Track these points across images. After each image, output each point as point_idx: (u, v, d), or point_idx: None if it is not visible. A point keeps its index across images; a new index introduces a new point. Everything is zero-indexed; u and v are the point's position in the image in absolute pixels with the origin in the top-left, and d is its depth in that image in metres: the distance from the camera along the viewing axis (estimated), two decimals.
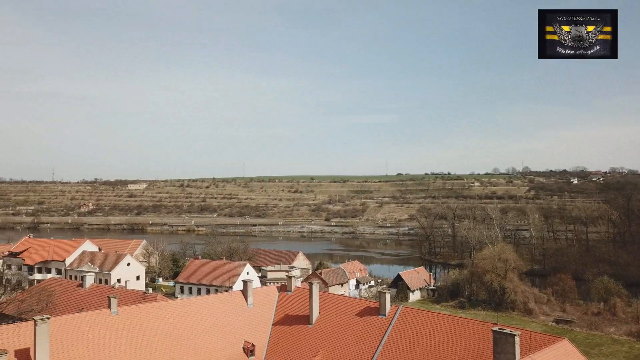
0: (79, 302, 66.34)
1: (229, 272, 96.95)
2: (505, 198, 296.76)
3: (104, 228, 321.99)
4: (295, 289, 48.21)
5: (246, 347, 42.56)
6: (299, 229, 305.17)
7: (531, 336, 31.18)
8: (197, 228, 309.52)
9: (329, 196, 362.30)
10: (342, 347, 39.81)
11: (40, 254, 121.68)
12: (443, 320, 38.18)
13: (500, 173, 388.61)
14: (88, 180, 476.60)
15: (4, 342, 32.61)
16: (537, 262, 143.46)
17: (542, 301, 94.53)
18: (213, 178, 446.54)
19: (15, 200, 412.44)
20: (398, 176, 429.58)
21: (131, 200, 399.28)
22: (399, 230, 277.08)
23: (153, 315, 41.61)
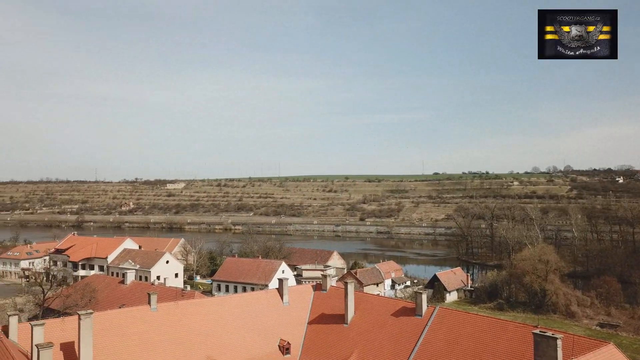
0: (120, 298, 68.38)
1: (264, 271, 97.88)
2: (545, 198, 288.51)
3: (143, 226, 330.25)
4: (330, 288, 48.18)
5: (282, 345, 42.81)
6: (334, 228, 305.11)
7: (574, 340, 30.18)
8: (234, 227, 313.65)
9: (363, 196, 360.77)
10: (377, 347, 39.53)
11: (84, 251, 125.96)
12: (481, 321, 37.38)
13: (541, 172, 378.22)
14: (129, 180, 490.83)
15: (50, 335, 33.79)
16: (580, 264, 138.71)
17: (585, 304, 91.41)
18: (249, 178, 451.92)
19: (61, 200, 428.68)
20: (434, 175, 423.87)
21: (170, 199, 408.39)
22: (436, 230, 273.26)
23: (191, 312, 42.38)
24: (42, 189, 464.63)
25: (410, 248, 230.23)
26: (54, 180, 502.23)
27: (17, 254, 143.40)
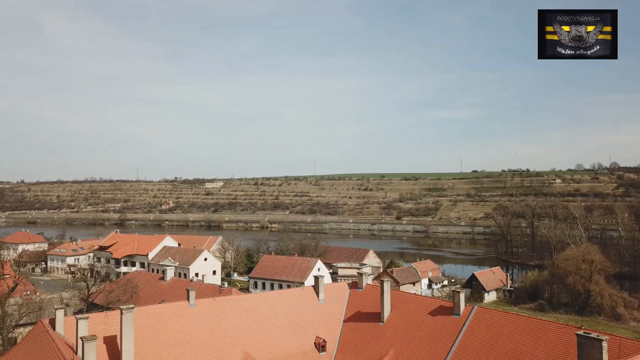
0: (160, 294, 70.02)
1: (300, 268, 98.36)
2: (590, 196, 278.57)
3: (182, 224, 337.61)
4: (366, 286, 47.98)
5: (317, 343, 42.91)
6: (369, 227, 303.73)
7: (620, 342, 29.00)
8: (270, 225, 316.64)
9: (400, 194, 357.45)
10: (414, 346, 39.10)
11: (126, 249, 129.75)
12: (521, 321, 36.43)
13: (585, 169, 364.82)
14: (168, 179, 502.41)
15: (94, 328, 34.92)
16: (627, 265, 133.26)
17: (632, 306, 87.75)
18: (285, 176, 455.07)
19: (104, 198, 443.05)
20: (473, 173, 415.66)
21: (208, 198, 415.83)
22: (474, 229, 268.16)
23: (229, 308, 42.98)
24: (87, 188, 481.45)
25: (447, 247, 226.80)
26: (98, 179, 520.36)
27: (64, 251, 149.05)
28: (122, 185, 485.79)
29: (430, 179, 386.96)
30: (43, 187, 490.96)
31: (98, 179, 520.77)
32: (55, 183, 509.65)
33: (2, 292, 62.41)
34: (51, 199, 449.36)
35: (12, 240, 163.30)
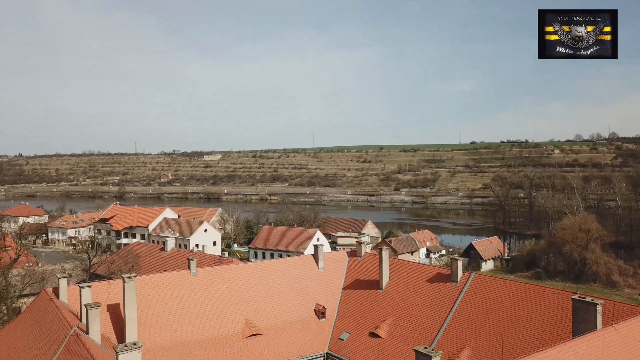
0: (161, 264, 70.81)
1: (300, 239, 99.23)
2: (588, 166, 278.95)
3: (182, 197, 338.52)
4: (365, 255, 48.49)
5: (317, 310, 43.63)
6: (368, 198, 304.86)
7: (615, 306, 29.50)
8: (270, 197, 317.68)
9: (398, 166, 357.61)
10: (412, 312, 39.79)
11: (126, 221, 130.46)
12: (518, 288, 36.96)
13: (584, 140, 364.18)
14: (167, 152, 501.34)
15: (97, 297, 35.36)
16: (623, 234, 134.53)
17: (627, 273, 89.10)
18: (284, 149, 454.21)
19: (103, 172, 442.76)
20: (472, 144, 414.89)
21: (207, 170, 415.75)
22: (472, 200, 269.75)
23: (230, 276, 43.51)
24: (85, 161, 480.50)
25: (446, 218, 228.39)
26: (96, 153, 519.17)
27: (64, 223, 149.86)
28: (121, 158, 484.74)
29: (429, 151, 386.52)
30: (41, 161, 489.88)
31: (96, 152, 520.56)
32: (53, 156, 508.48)
33: (4, 264, 63.05)
34: (50, 173, 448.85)
35: (12, 213, 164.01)
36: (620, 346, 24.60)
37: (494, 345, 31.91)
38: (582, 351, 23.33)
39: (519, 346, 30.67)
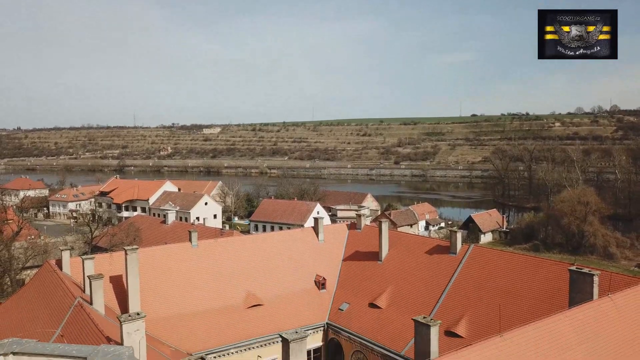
0: (162, 237, 71.24)
1: (300, 211, 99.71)
2: (589, 139, 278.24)
3: (182, 170, 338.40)
4: (364, 227, 48.86)
5: (318, 281, 44.18)
6: (368, 172, 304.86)
7: (611, 277, 29.86)
8: (269, 170, 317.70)
9: (398, 139, 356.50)
10: (411, 283, 40.31)
11: (126, 194, 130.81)
12: (516, 259, 37.39)
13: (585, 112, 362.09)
14: (166, 125, 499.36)
15: (100, 269, 35.73)
16: (622, 206, 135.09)
17: (624, 245, 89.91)
18: (283, 122, 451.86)
19: (102, 145, 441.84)
20: (472, 117, 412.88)
21: (206, 144, 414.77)
22: (472, 173, 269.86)
23: (231, 248, 43.91)
24: (84, 135, 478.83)
25: (445, 191, 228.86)
26: (95, 126, 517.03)
27: (65, 197, 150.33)
28: (120, 131, 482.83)
29: (429, 124, 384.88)
30: (40, 134, 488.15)
31: (95, 126, 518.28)
32: (52, 130, 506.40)
33: (7, 236, 63.49)
34: (49, 146, 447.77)
35: (12, 186, 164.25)
36: (615, 316, 25.01)
37: (492, 315, 32.40)
38: (578, 320, 23.73)
39: (516, 316, 31.16)
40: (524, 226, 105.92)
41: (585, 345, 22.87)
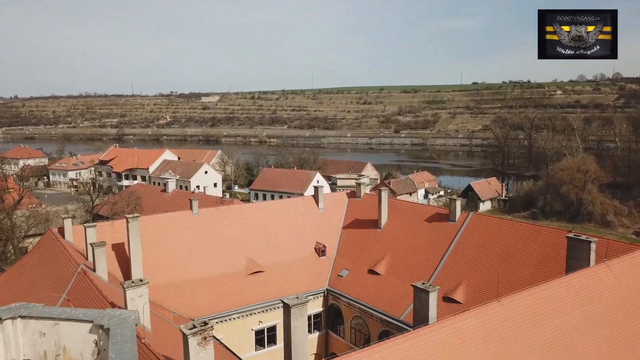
0: (163, 205, 71.64)
1: (300, 180, 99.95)
2: (590, 107, 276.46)
3: (181, 139, 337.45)
4: (364, 195, 49.06)
5: (318, 248, 44.67)
6: (368, 141, 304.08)
7: (608, 244, 30.17)
8: (269, 139, 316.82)
9: (398, 107, 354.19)
10: (410, 250, 40.76)
11: (126, 163, 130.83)
12: (514, 226, 37.72)
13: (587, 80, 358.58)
14: (164, 94, 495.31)
15: (102, 236, 35.98)
16: (621, 175, 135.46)
17: (622, 213, 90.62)
18: (282, 90, 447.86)
19: (101, 113, 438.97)
20: (473, 85, 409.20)
21: (205, 112, 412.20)
22: (472, 141, 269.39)
23: (231, 216, 44.19)
24: (82, 103, 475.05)
25: (445, 159, 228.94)
26: (93, 94, 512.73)
27: (65, 166, 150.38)
28: (118, 100, 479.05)
29: (430, 92, 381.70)
30: (37, 103, 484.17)
31: (93, 94, 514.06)
32: (49, 98, 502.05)
33: (8, 205, 63.78)
34: (47, 115, 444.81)
35: (12, 155, 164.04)
36: (611, 281, 25.40)
37: (490, 282, 32.88)
38: (574, 286, 24.11)
39: (513, 282, 31.63)
40: (522, 194, 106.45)
41: (581, 310, 23.32)
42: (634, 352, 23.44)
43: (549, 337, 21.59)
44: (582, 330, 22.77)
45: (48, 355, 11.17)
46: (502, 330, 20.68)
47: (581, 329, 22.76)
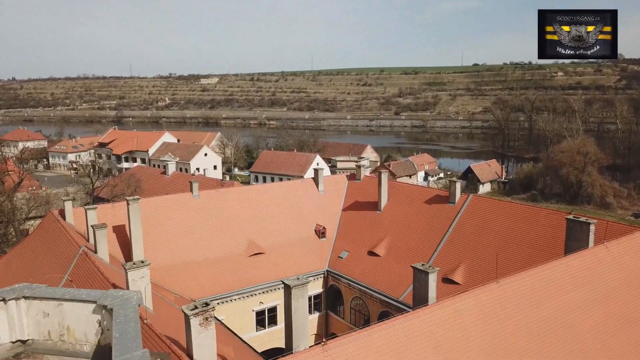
0: (163, 188, 71.69)
1: (300, 163, 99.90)
2: (591, 89, 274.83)
3: (180, 121, 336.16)
4: (364, 178, 49.12)
5: (318, 230, 44.86)
6: (368, 123, 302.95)
7: (607, 225, 30.29)
8: (268, 122, 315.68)
9: (399, 89, 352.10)
10: (409, 232, 40.94)
11: (126, 145, 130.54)
12: (514, 208, 37.85)
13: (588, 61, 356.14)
14: (163, 76, 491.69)
15: (102, 218, 36.09)
16: (621, 157, 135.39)
17: (621, 195, 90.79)
18: (282, 72, 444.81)
19: (99, 96, 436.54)
20: (474, 67, 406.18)
21: (204, 94, 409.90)
22: (472, 123, 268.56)
23: (232, 198, 44.29)
24: (80, 85, 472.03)
25: (445, 141, 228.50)
26: (91, 76, 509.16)
27: (64, 148, 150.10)
28: (116, 82, 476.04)
29: (431, 73, 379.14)
30: (36, 85, 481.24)
31: (91, 76, 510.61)
32: (47, 80, 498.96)
33: (8, 187, 63.81)
34: (45, 97, 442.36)
35: (11, 137, 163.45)
36: (610, 262, 25.58)
37: (489, 263, 33.10)
38: (573, 267, 24.29)
39: (512, 264, 31.84)
40: (522, 176, 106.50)
41: (579, 291, 23.53)
42: (632, 332, 23.72)
43: (547, 317, 21.82)
44: (581, 310, 23.00)
45: (52, 335, 11.30)
46: (500, 310, 20.90)
47: (579, 310, 22.98)
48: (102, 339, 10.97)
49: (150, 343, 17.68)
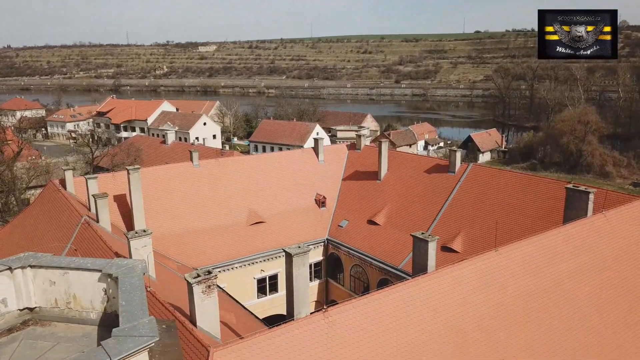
0: (163, 157, 71.64)
1: (299, 132, 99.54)
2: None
3: (178, 90, 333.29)
4: (364, 147, 49.01)
5: (318, 199, 45.04)
6: (368, 91, 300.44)
7: (607, 194, 30.42)
8: (267, 90, 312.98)
9: (399, 57, 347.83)
10: (409, 201, 41.13)
11: (124, 114, 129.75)
12: (513, 177, 37.90)
13: None
14: (160, 43, 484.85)
15: (103, 188, 36.13)
16: (622, 126, 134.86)
17: (621, 164, 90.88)
18: (281, 39, 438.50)
19: (96, 64, 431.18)
20: (475, 34, 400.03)
21: (202, 62, 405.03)
22: (473, 92, 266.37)
23: (232, 168, 44.27)
24: (77, 53, 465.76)
25: (445, 110, 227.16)
26: (87, 44, 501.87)
27: (63, 117, 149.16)
28: (113, 49, 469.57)
29: (432, 41, 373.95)
30: (31, 53, 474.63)
31: (87, 44, 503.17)
32: (43, 48, 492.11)
33: (8, 157, 63.76)
34: (41, 65, 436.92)
35: (9, 106, 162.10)
36: (608, 231, 25.82)
37: (488, 232, 33.39)
38: (572, 236, 24.53)
39: (512, 233, 32.10)
40: (522, 146, 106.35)
41: (577, 259, 23.83)
42: (628, 300, 24.13)
43: (545, 285, 22.17)
44: (578, 278, 23.34)
45: (59, 303, 11.50)
46: (499, 278, 21.20)
47: (577, 277, 23.32)
48: (108, 307, 11.17)
49: (155, 310, 18.00)
